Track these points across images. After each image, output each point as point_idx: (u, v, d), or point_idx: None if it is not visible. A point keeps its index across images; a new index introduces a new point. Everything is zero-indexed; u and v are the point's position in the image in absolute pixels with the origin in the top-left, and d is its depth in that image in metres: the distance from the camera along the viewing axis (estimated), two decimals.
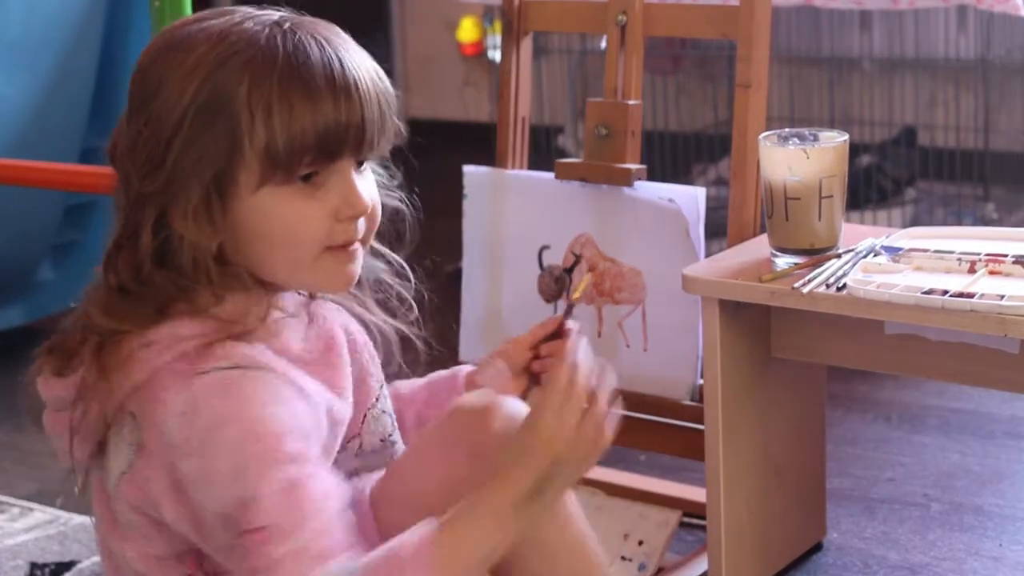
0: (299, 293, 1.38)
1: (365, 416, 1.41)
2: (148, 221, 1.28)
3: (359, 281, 1.41)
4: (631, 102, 1.99)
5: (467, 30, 4.26)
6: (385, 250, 1.47)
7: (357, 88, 1.29)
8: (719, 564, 1.84)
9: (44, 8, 2.79)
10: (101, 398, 1.28)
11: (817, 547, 2.05)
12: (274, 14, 1.33)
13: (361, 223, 1.33)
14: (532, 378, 1.53)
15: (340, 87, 1.28)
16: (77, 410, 1.30)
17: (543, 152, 3.39)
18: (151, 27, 2.00)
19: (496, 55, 3.88)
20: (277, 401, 1.24)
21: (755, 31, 1.89)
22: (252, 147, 1.26)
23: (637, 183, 1.98)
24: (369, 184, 1.35)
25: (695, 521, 2.05)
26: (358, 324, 1.43)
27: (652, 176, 2.03)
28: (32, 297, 3.06)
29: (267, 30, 1.29)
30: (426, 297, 1.50)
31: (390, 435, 1.44)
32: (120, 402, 1.27)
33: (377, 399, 1.43)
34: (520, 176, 2.11)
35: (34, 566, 2.11)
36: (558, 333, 1.53)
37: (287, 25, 1.30)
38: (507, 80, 2.11)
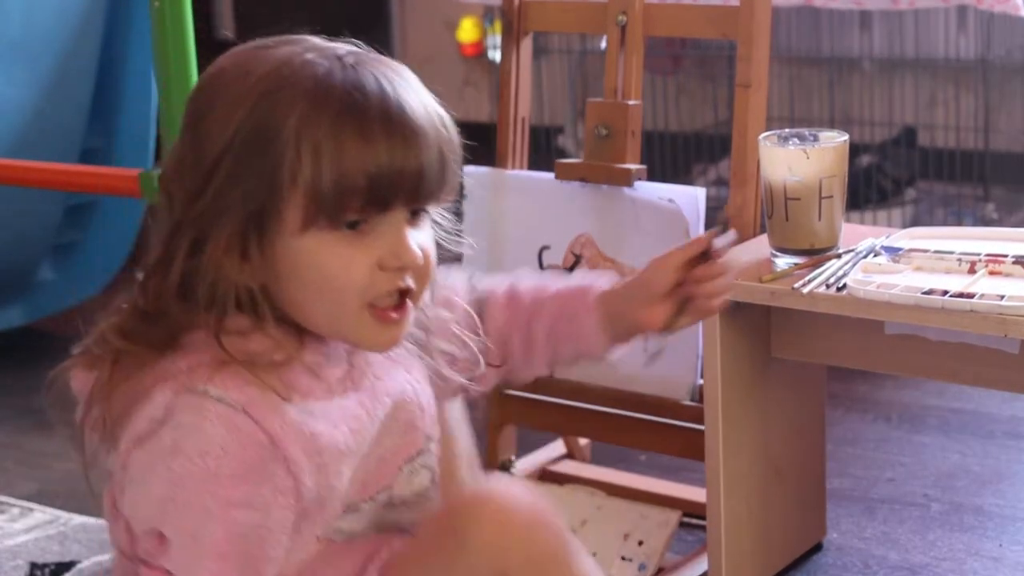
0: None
1: (401, 468, 1.33)
2: (182, 249, 1.21)
3: (426, 328, 1.34)
4: (631, 102, 1.99)
5: (467, 30, 4.26)
6: (456, 300, 1.39)
7: (415, 133, 1.20)
8: (719, 564, 1.84)
9: (44, 8, 2.79)
10: (108, 405, 1.24)
11: (817, 547, 2.05)
12: (341, 48, 1.25)
13: (410, 277, 1.24)
14: (678, 305, 1.39)
15: (397, 130, 1.19)
16: (89, 411, 1.27)
17: (543, 152, 3.39)
18: (151, 27, 2.00)
19: (496, 55, 3.88)
20: (245, 463, 1.18)
21: (755, 31, 1.89)
22: (296, 186, 1.18)
23: (637, 183, 1.98)
24: (423, 236, 1.25)
25: (695, 521, 2.05)
26: (409, 375, 1.34)
27: (652, 176, 2.03)
28: (32, 297, 3.06)
29: (327, 63, 1.21)
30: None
31: (426, 490, 1.36)
32: (126, 409, 1.23)
33: (420, 452, 1.35)
34: (520, 176, 2.10)
35: (34, 566, 2.11)
36: (708, 253, 1.38)
37: (350, 60, 1.22)
38: (507, 80, 2.11)
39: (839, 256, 1.77)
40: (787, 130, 1.81)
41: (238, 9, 4.58)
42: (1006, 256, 1.71)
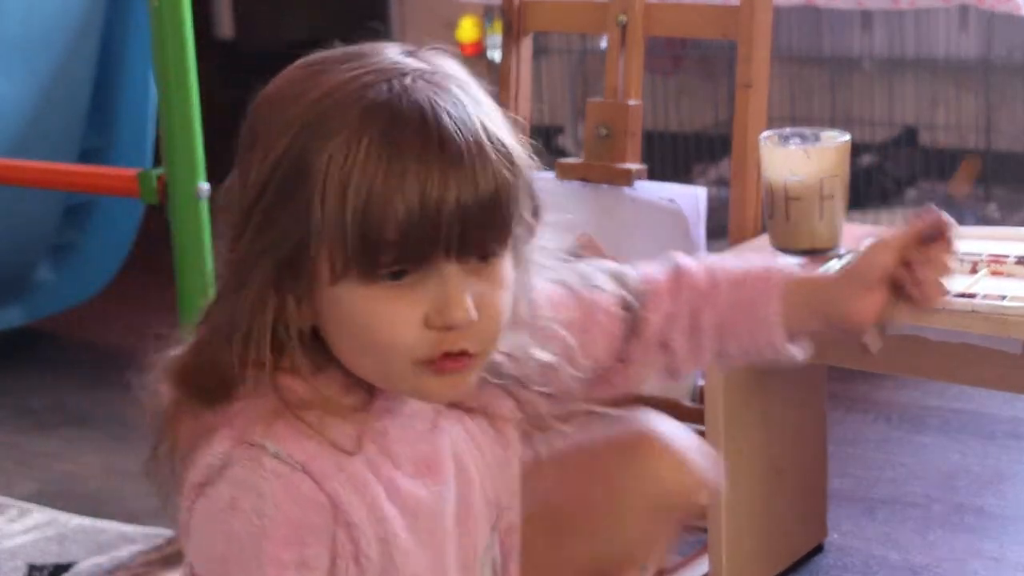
0: None
1: (475, 561, 1.20)
2: (229, 289, 1.10)
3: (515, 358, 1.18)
4: (631, 102, 1.99)
5: (467, 30, 4.25)
6: (556, 328, 1.21)
7: (457, 167, 1.03)
8: (720, 566, 1.84)
9: (44, 8, 2.79)
10: (174, 442, 1.15)
11: (818, 548, 2.05)
12: (411, 64, 1.09)
13: (465, 338, 1.07)
14: (896, 290, 1.20)
15: (432, 164, 1.03)
16: (159, 445, 1.17)
17: (543, 152, 3.38)
18: (150, 27, 1.99)
19: (496, 55, 3.88)
20: (302, 525, 1.08)
21: (756, 31, 1.89)
22: (324, 233, 1.04)
23: (637, 183, 1.98)
24: (489, 286, 1.08)
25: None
26: (476, 448, 1.19)
27: (652, 176, 2.02)
28: (32, 297, 3.06)
29: (380, 85, 1.06)
30: None
31: None
32: (192, 446, 1.13)
33: (487, 546, 1.21)
34: None
35: (32, 568, 2.10)
36: (936, 234, 1.20)
37: (406, 81, 1.06)
38: (507, 80, 2.11)
39: (840, 256, 1.77)
40: (788, 130, 1.80)
41: (237, 9, 4.58)
42: (1008, 256, 1.70)
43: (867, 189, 3.15)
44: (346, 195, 1.03)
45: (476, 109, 1.08)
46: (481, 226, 1.05)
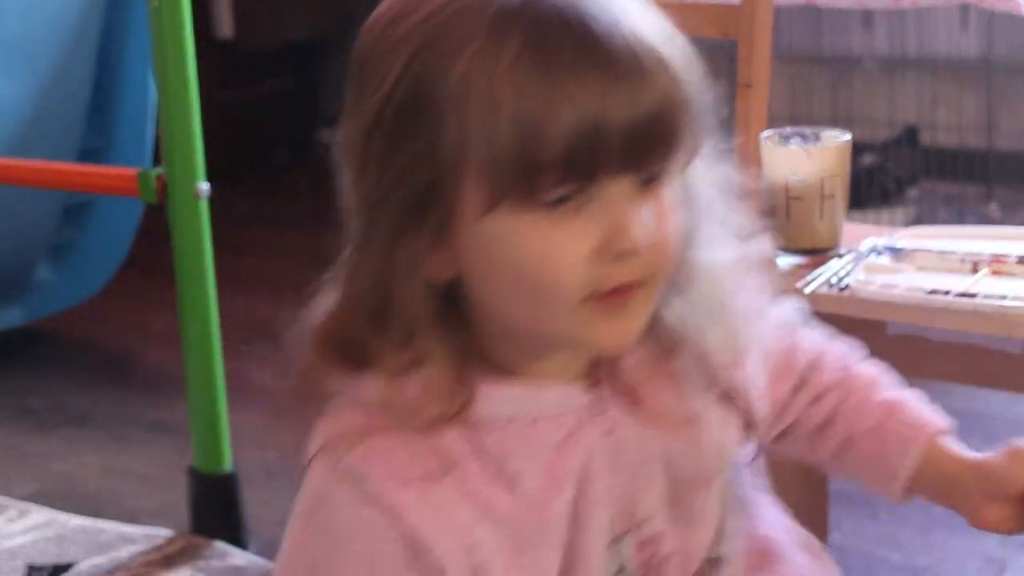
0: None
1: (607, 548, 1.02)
2: (353, 244, 0.96)
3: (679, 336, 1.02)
4: None
5: None
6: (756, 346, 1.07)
7: (626, 70, 0.90)
8: None
9: (43, 7, 2.79)
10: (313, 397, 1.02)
11: None
12: None
13: (638, 266, 0.93)
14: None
15: (597, 67, 0.89)
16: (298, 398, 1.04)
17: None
18: (150, 26, 1.99)
19: None
20: (373, 563, 0.95)
21: (756, 31, 1.88)
22: (468, 157, 0.90)
23: None
24: (653, 206, 0.93)
25: None
26: (616, 459, 1.01)
27: None
28: (31, 297, 3.06)
29: None
30: None
31: None
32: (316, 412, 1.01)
33: (627, 532, 1.03)
34: None
35: (32, 568, 2.10)
36: None
37: None
38: None
39: (841, 256, 1.77)
40: (788, 129, 1.80)
41: (237, 9, 4.57)
42: (1009, 256, 1.70)
43: (868, 189, 3.15)
44: (495, 112, 0.89)
45: (625, 14, 0.94)
46: (647, 140, 0.92)
